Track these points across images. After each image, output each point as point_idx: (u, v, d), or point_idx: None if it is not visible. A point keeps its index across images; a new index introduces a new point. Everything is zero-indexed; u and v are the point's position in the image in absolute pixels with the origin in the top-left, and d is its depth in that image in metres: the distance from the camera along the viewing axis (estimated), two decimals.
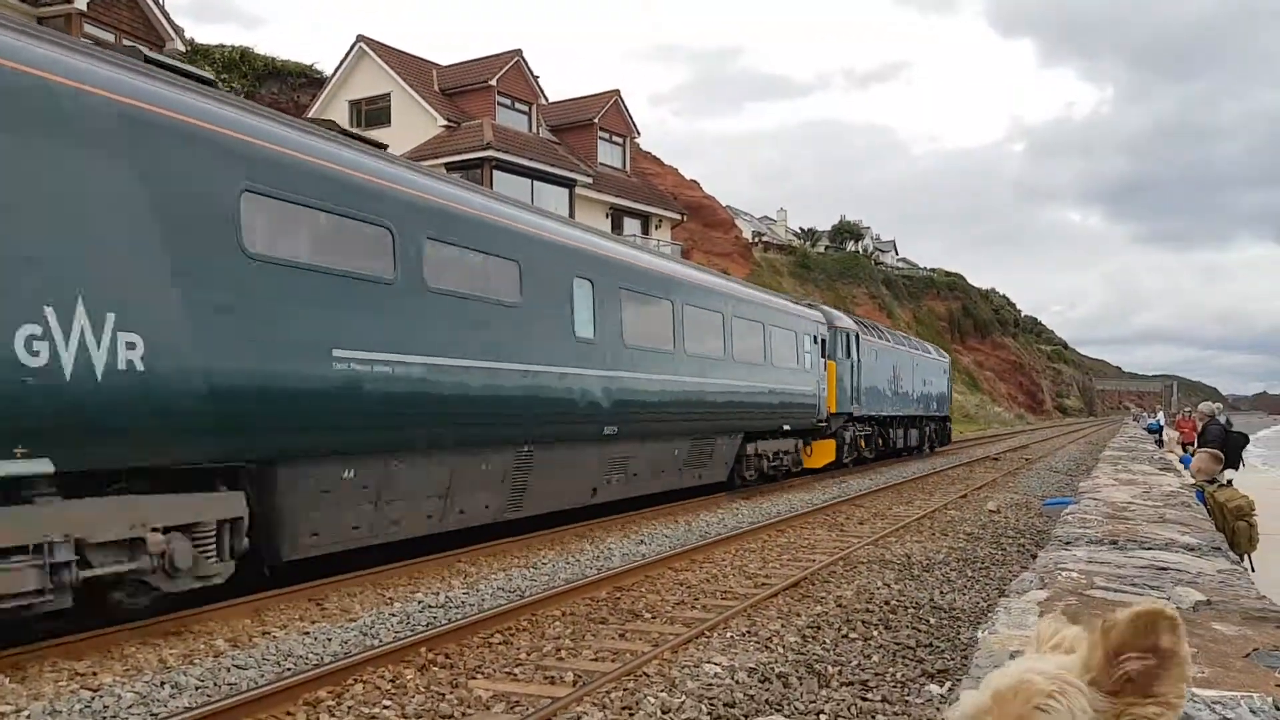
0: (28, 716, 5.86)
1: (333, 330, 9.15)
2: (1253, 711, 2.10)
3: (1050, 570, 3.80)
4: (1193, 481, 9.25)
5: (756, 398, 19.60)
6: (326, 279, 9.16)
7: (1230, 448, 13.63)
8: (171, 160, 7.71)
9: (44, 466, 6.67)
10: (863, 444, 27.10)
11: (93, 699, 6.17)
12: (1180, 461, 16.17)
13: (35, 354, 6.56)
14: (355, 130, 28.59)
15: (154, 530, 7.59)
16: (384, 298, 9.80)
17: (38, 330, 6.58)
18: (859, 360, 26.13)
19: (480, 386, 11.18)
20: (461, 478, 11.15)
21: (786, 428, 21.39)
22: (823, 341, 23.99)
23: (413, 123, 30.82)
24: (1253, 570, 7.89)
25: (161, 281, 7.53)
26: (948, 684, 6.91)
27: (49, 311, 6.66)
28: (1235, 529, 7.94)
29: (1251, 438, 23.43)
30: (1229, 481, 8.98)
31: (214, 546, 8.20)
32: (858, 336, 26.39)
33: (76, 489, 7.10)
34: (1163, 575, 3.61)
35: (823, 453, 24.08)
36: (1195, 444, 16.77)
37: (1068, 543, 4.70)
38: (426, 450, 10.53)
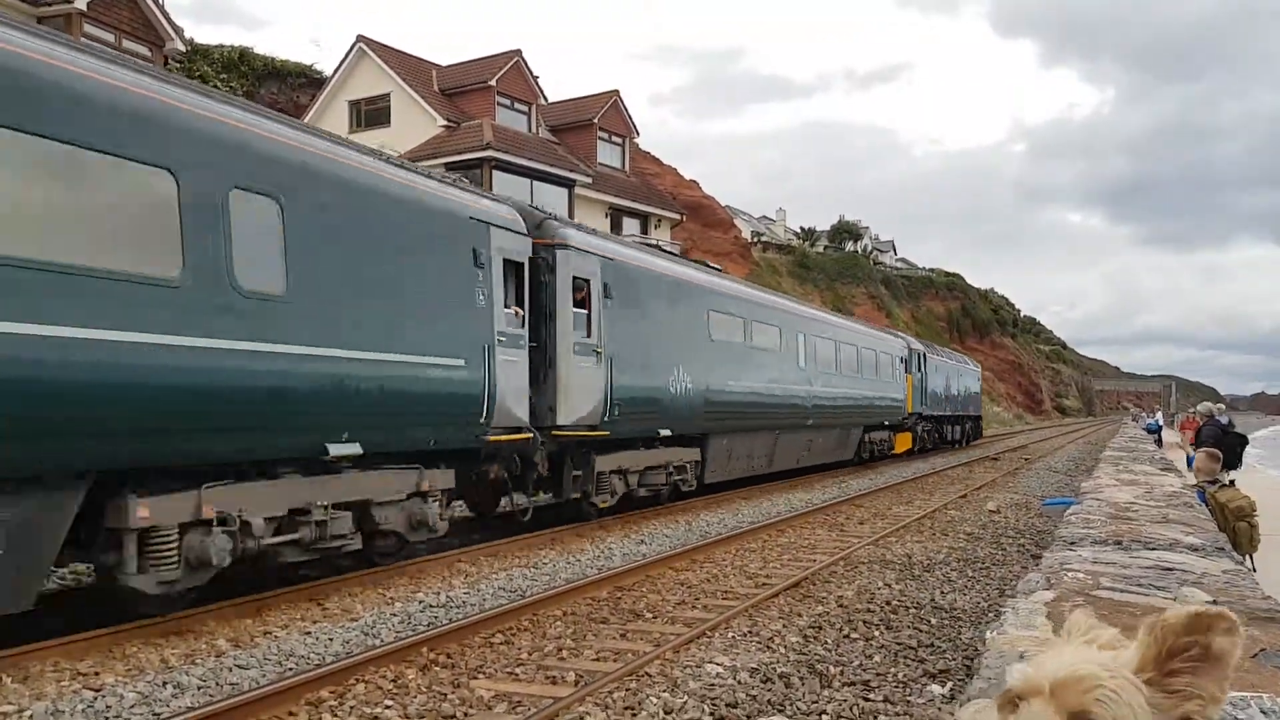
0: (30, 716, 5.85)
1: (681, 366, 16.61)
2: (1263, 712, 2.09)
3: (1056, 571, 3.80)
4: (1195, 482, 9.25)
5: (874, 402, 28.33)
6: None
7: (1227, 448, 13.63)
8: None
9: None
10: (925, 436, 35.45)
11: (95, 699, 6.16)
12: (1187, 461, 16.15)
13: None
14: (356, 131, 28.37)
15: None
16: (700, 348, 17.24)
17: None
18: (925, 373, 34.63)
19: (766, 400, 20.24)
20: (756, 446, 20.19)
21: (886, 423, 30.01)
22: (904, 360, 32.10)
23: (412, 123, 30.81)
24: (1254, 570, 7.89)
25: None
26: (949, 684, 6.91)
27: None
28: (1236, 529, 7.94)
29: (1250, 438, 23.43)
30: (1231, 482, 8.98)
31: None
32: (924, 355, 35.04)
33: None
34: (1168, 576, 3.61)
35: (903, 441, 32.22)
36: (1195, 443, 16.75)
37: (1072, 543, 4.70)
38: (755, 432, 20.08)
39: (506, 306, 11.83)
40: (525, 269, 12.35)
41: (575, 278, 13.37)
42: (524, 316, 12.26)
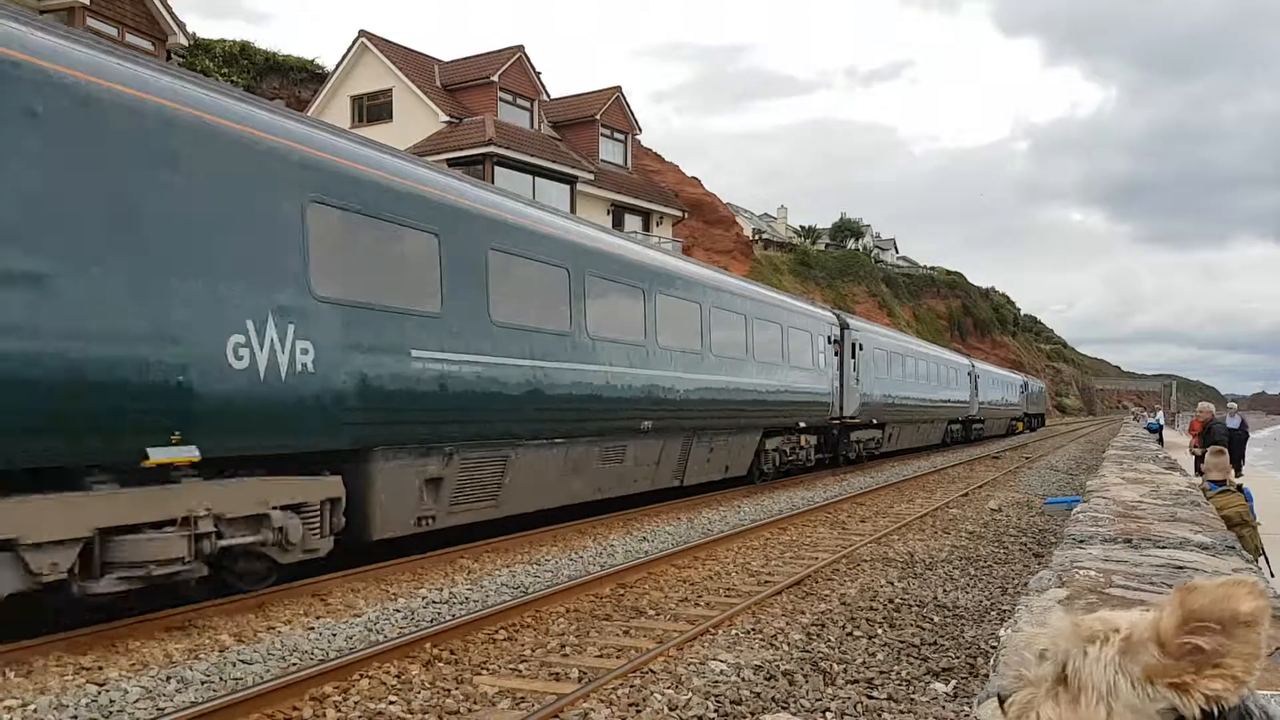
0: (34, 711, 5.84)
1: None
2: None
3: (1068, 569, 3.78)
4: (1201, 481, 9.22)
5: (945, 407, 38.42)
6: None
7: (1234, 447, 13.62)
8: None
9: None
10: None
11: (99, 693, 6.15)
12: (1195, 464, 16.10)
13: None
14: (358, 125, 28.36)
15: None
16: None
17: None
18: (977, 382, 45.90)
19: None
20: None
21: (958, 418, 41.92)
22: (971, 375, 44.30)
23: (414, 118, 30.77)
24: (1272, 575, 7.88)
25: None
26: (953, 682, 6.90)
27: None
28: (1241, 536, 7.91)
29: (1250, 437, 23.40)
30: (1239, 487, 8.95)
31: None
32: (979, 371, 47.12)
33: None
34: (1180, 574, 3.59)
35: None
36: (1199, 444, 16.73)
37: (1081, 541, 4.68)
38: None
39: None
40: (838, 339, 25.01)
41: (852, 344, 25.86)
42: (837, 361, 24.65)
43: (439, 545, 11.44)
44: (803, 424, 22.05)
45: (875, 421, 27.63)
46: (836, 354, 24.54)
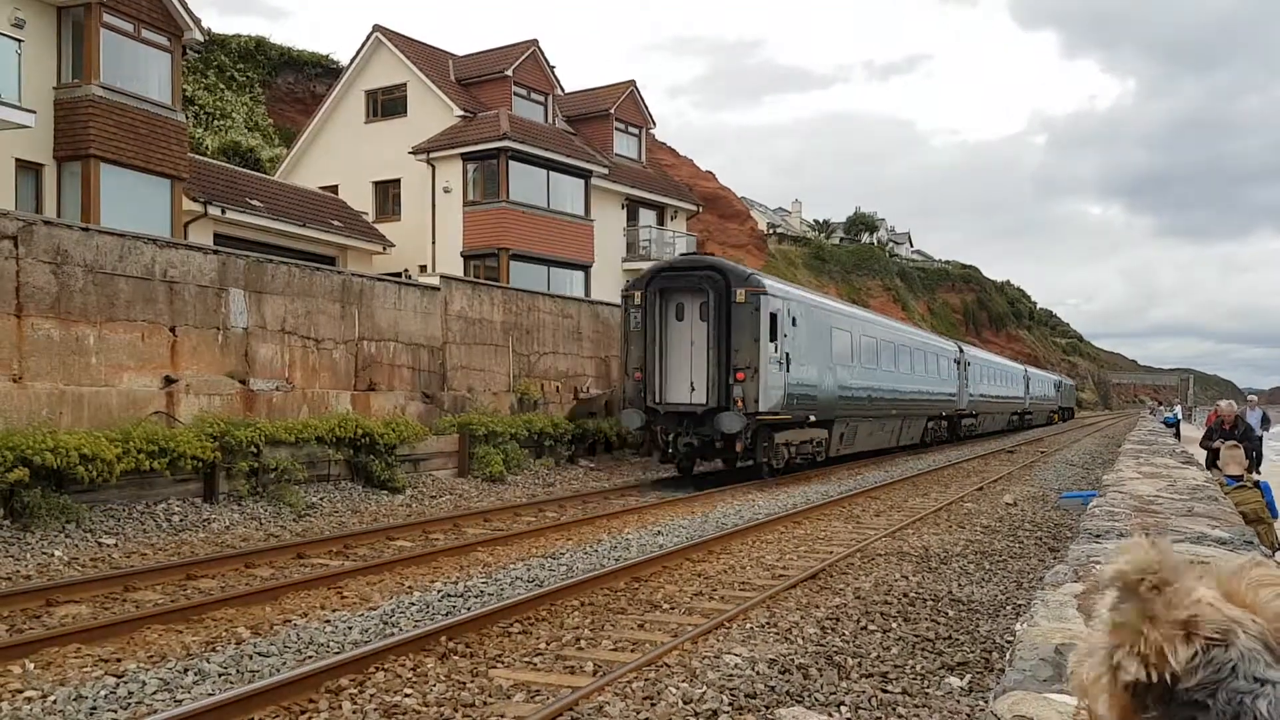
0: (53, 702, 5.89)
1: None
2: None
3: (1084, 563, 3.77)
4: (1218, 476, 9.16)
5: (1010, 402, 49.83)
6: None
7: (1250, 447, 13.51)
8: None
9: None
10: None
11: (117, 685, 6.20)
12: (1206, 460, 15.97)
13: None
14: (373, 118, 28.36)
15: None
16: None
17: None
18: (1030, 383, 56.35)
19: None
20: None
21: (1015, 412, 52.16)
22: (1025, 378, 54.70)
23: (429, 113, 30.78)
24: None
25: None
26: (968, 676, 6.89)
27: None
28: (1258, 532, 7.86)
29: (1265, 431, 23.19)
30: (1256, 483, 8.89)
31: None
32: (1030, 374, 57.81)
33: None
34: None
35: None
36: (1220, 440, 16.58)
37: (1098, 535, 4.66)
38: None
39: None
40: (960, 362, 37.51)
41: (958, 362, 37.83)
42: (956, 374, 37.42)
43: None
44: (943, 414, 35.22)
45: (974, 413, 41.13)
46: (957, 370, 36.92)
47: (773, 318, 19.19)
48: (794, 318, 20.38)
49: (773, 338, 19.14)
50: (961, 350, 39.41)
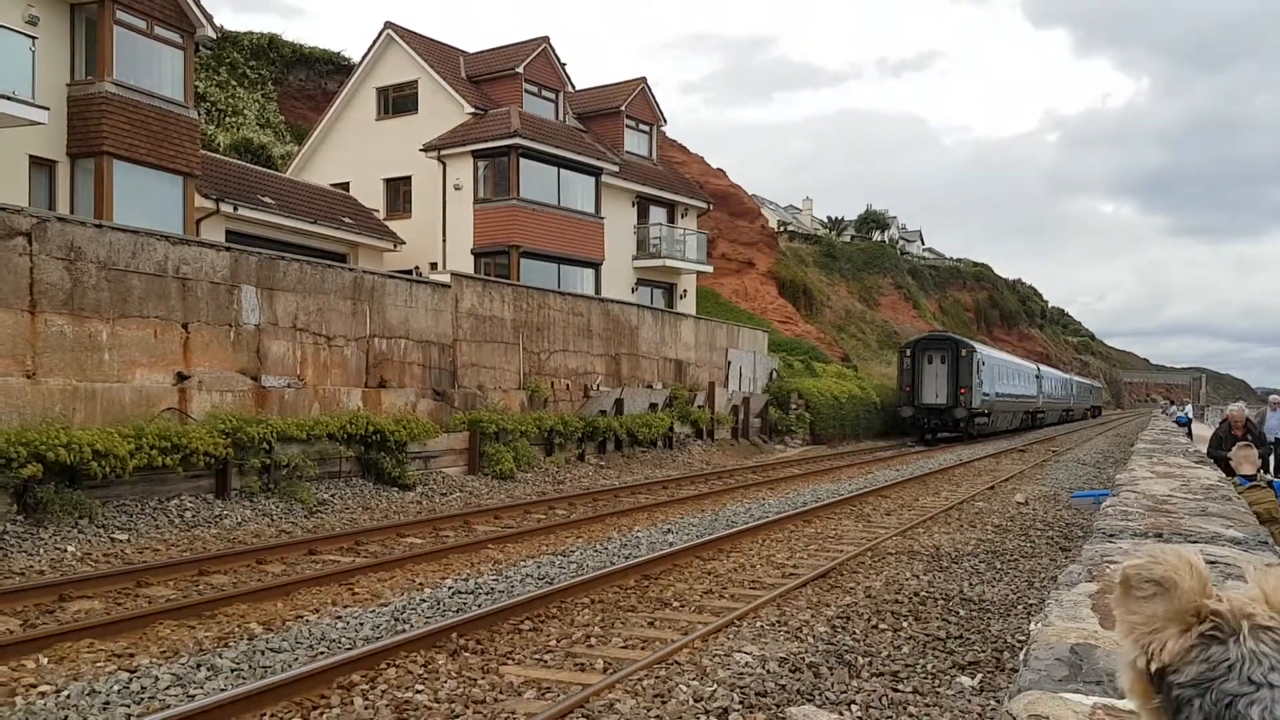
0: (67, 697, 5.92)
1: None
2: None
3: (1098, 563, 3.75)
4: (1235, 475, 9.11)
5: (1063, 400, 63.52)
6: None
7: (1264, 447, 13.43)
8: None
9: None
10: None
11: (130, 680, 6.23)
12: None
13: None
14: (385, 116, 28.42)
15: None
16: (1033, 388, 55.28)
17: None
18: (1074, 387, 67.43)
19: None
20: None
21: (1062, 408, 64.10)
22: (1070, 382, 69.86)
23: (440, 109, 30.81)
24: None
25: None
26: (979, 676, 6.87)
27: None
28: (1272, 532, 7.81)
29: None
30: (1269, 482, 8.84)
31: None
32: (1074, 381, 68.12)
33: None
34: (1213, 570, 3.54)
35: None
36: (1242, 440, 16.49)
37: (1111, 535, 4.64)
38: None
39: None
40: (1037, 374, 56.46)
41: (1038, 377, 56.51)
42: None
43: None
44: (1026, 410, 50.38)
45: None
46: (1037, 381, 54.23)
47: (978, 363, 37.91)
48: (983, 362, 38.64)
49: (976, 373, 37.40)
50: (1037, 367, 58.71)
